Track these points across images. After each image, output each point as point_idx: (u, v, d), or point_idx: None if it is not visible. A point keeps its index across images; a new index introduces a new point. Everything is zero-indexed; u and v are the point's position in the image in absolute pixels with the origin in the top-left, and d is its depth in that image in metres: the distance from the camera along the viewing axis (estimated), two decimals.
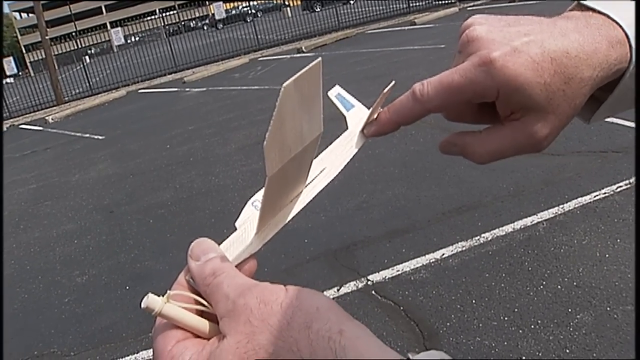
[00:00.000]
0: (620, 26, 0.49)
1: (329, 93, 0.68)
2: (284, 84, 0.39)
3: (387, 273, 3.84)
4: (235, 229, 0.51)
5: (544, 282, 3.31)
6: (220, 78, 16.36)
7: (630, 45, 0.49)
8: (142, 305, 0.43)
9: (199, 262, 0.46)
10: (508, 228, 4.02)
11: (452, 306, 3.31)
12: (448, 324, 3.17)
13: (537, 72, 0.47)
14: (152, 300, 0.43)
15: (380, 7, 22.52)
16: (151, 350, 0.46)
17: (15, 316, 4.53)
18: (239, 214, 0.52)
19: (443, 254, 3.89)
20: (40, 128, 15.15)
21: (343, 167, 0.56)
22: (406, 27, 18.10)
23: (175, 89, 16.37)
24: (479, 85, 0.49)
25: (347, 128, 0.61)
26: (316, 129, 0.48)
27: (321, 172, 0.56)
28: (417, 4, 21.98)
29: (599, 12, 0.50)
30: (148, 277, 4.61)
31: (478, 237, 3.99)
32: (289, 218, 0.52)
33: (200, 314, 0.45)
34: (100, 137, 11.46)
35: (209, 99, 13.10)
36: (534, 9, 14.56)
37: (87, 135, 12.06)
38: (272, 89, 12.08)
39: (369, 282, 3.78)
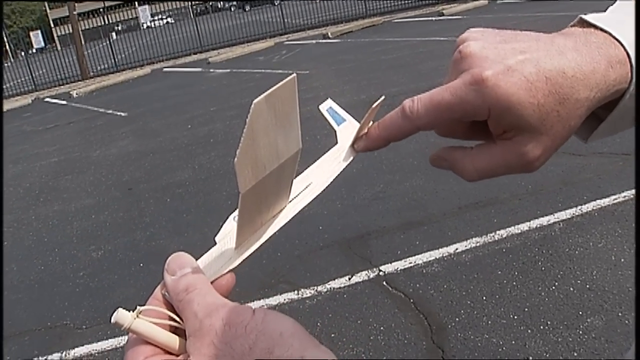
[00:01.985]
0: (622, 45, 0.47)
1: (321, 107, 0.67)
2: (255, 100, 0.39)
3: (399, 264, 3.84)
4: (215, 244, 0.51)
5: (557, 283, 3.29)
6: (245, 60, 16.37)
7: (631, 65, 0.47)
8: (112, 320, 0.43)
9: (174, 277, 0.46)
10: (524, 226, 3.99)
11: (462, 301, 3.30)
12: (457, 319, 3.16)
13: (530, 92, 0.46)
14: (121, 316, 0.43)
15: None
16: None
17: (31, 287, 4.60)
18: (220, 229, 0.52)
19: (457, 249, 3.87)
20: (65, 102, 15.29)
21: (330, 183, 0.55)
22: (434, 18, 17.93)
23: (200, 69, 16.42)
24: (470, 104, 0.48)
25: (337, 142, 0.60)
26: (294, 146, 0.47)
27: (307, 187, 0.55)
28: None
29: (601, 29, 0.48)
30: (162, 255, 4.59)
31: (493, 233, 3.97)
32: (271, 234, 0.51)
33: (174, 329, 0.45)
34: (122, 114, 11.55)
35: (232, 81, 13.12)
36: (560, 6, 14.36)
37: (110, 111, 12.15)
38: (296, 73, 12.04)
39: (381, 273, 3.78)
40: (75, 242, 5.38)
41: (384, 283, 3.67)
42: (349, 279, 3.78)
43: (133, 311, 0.44)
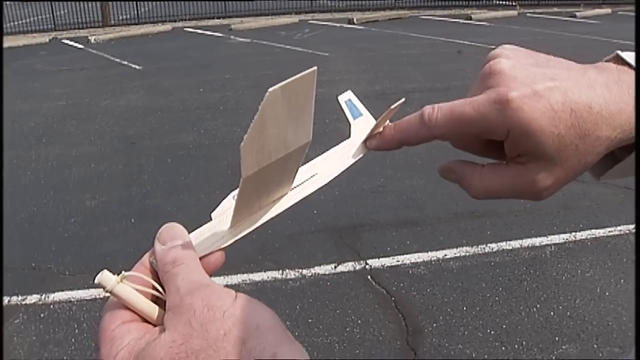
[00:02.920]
0: None
1: (339, 97, 0.66)
2: (270, 89, 0.38)
3: (387, 261, 3.85)
4: (211, 219, 0.50)
5: (538, 305, 3.30)
6: (267, 33, 16.28)
7: None
8: (95, 281, 0.43)
9: (164, 247, 0.46)
10: (515, 243, 3.99)
11: (442, 308, 3.32)
12: (434, 324, 3.18)
13: (553, 122, 0.45)
14: (105, 277, 0.43)
15: None
16: None
17: (21, 226, 4.61)
18: (218, 205, 0.51)
19: (445, 255, 3.88)
20: (82, 46, 15.22)
21: (335, 177, 0.55)
22: (461, 20, 17.82)
23: (221, 35, 16.33)
24: (490, 122, 0.47)
25: (349, 136, 0.60)
26: (303, 138, 0.46)
27: (311, 177, 0.54)
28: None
29: (635, 69, 0.47)
30: (155, 214, 4.66)
31: (484, 245, 3.98)
32: (268, 218, 0.51)
33: (156, 298, 0.45)
34: (137, 67, 11.50)
35: (251, 51, 13.06)
36: (588, 28, 14.27)
37: (125, 62, 12.10)
38: (314, 54, 11.99)
39: (367, 267, 3.79)
40: (71, 188, 5.38)
41: (369, 277, 3.68)
42: (335, 267, 3.80)
43: (118, 275, 0.44)
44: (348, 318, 3.28)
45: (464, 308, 3.31)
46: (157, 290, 0.45)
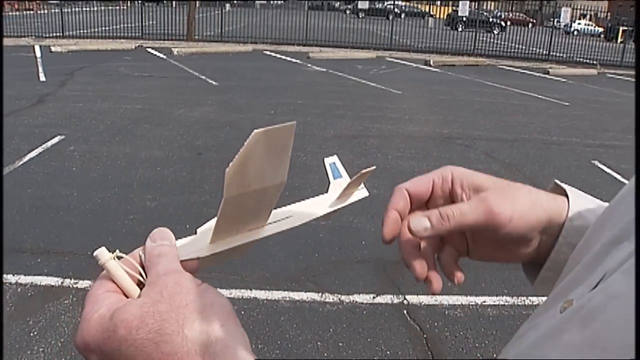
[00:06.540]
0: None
1: (325, 159, 0.78)
2: (255, 130, 0.48)
3: (425, 299, 3.88)
4: (195, 233, 0.60)
5: None
6: (343, 65, 16.56)
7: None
8: (94, 254, 0.53)
9: (154, 244, 0.56)
10: None
11: (472, 352, 3.33)
12: None
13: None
14: (101, 252, 0.53)
15: (520, 46, 22.11)
16: None
17: (84, 215, 4.87)
18: (204, 223, 0.61)
19: (485, 301, 3.89)
20: (164, 57, 15.86)
21: (306, 222, 0.65)
22: (538, 74, 17.67)
23: (298, 61, 16.72)
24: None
25: (326, 192, 0.71)
26: (279, 178, 0.56)
27: (286, 218, 0.65)
28: (557, 55, 21.40)
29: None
30: None
31: (525, 298, 3.96)
32: (241, 242, 0.61)
33: (139, 284, 0.55)
34: (214, 83, 11.91)
35: (325, 81, 13.32)
36: None
37: (203, 77, 12.55)
38: (388, 90, 12.14)
39: (405, 302, 3.83)
40: (135, 187, 5.64)
41: (405, 312, 3.72)
42: (374, 297, 3.86)
43: (113, 252, 0.55)
44: (378, 348, 3.33)
45: (494, 355, 3.31)
46: (141, 274, 0.55)
